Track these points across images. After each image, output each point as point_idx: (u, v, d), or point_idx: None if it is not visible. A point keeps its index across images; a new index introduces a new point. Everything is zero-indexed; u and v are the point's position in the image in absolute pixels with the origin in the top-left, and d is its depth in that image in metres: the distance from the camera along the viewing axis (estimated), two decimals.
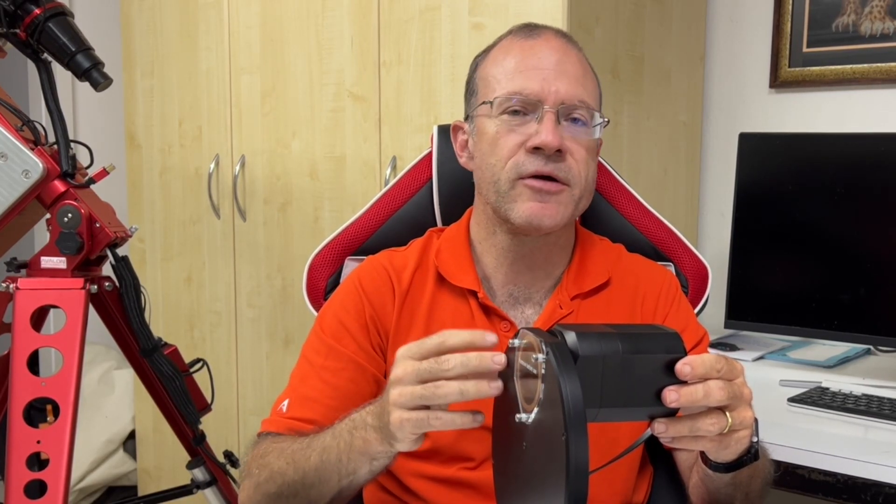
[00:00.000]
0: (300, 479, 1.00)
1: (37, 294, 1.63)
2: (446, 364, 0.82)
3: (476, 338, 0.83)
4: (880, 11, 2.01)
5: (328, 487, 0.99)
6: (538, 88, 1.09)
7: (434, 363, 0.83)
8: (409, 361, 0.85)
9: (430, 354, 0.84)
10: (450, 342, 0.83)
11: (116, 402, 2.83)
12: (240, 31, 2.27)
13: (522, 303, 1.18)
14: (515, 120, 1.10)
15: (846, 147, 1.76)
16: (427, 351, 0.84)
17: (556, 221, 1.10)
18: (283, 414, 1.12)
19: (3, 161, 1.60)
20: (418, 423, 0.85)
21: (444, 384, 0.82)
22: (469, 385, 0.82)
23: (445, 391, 0.82)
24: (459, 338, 0.83)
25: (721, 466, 0.92)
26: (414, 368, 0.84)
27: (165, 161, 2.48)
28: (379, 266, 1.19)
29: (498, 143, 1.11)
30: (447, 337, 0.84)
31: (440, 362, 0.83)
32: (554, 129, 1.07)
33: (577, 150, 1.10)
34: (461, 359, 0.82)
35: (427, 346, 0.85)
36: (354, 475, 0.96)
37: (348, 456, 0.95)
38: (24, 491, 1.53)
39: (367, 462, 0.94)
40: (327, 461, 0.97)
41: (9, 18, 1.65)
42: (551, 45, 1.12)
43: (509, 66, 1.12)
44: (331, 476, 0.97)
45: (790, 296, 1.82)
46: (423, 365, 0.84)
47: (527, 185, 1.09)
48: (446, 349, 0.83)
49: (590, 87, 1.13)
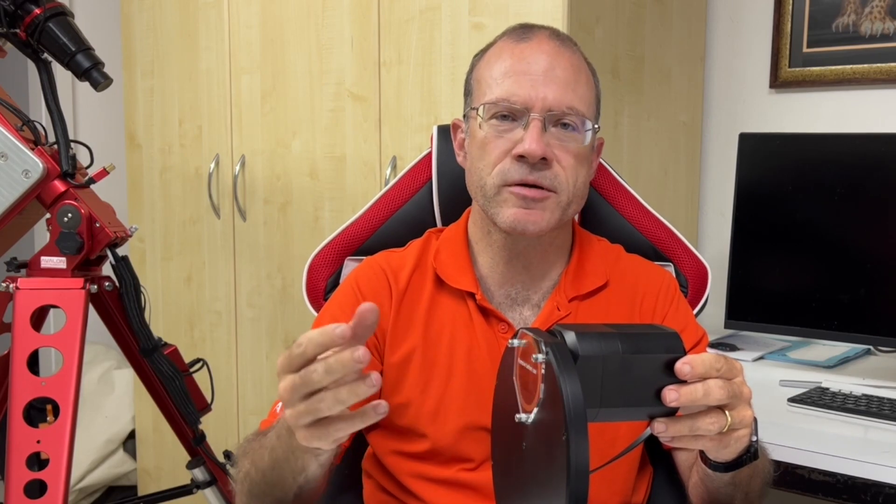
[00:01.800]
0: (262, 479, 1.00)
1: (37, 294, 1.63)
2: (315, 375, 0.78)
3: (325, 337, 0.78)
4: (880, 11, 2.01)
5: (287, 485, 0.98)
6: (525, 95, 1.08)
7: (305, 376, 0.79)
8: (287, 377, 0.81)
9: (299, 365, 0.80)
10: (308, 352, 0.79)
11: (116, 402, 2.83)
12: (240, 31, 2.27)
13: (520, 304, 1.18)
14: (503, 125, 1.09)
15: (846, 147, 1.76)
16: (295, 363, 0.80)
17: (540, 227, 1.09)
18: (276, 414, 1.12)
19: (3, 161, 1.60)
20: (321, 436, 0.82)
21: (322, 397, 0.79)
22: (343, 393, 0.78)
23: (326, 405, 0.79)
24: (313, 342, 0.79)
25: (721, 466, 0.92)
26: (291, 384, 0.80)
27: (165, 161, 2.48)
28: (376, 267, 1.19)
29: (486, 149, 1.10)
30: (305, 345, 0.79)
31: (308, 374, 0.79)
32: (538, 137, 1.06)
33: (564, 158, 1.09)
34: (324, 367, 0.78)
35: (292, 358, 0.80)
36: (306, 471, 0.95)
37: (293, 454, 0.93)
38: (24, 491, 1.53)
39: (312, 458, 0.93)
40: (277, 460, 0.96)
41: (9, 18, 1.65)
42: (543, 48, 1.10)
43: (500, 70, 1.11)
44: (285, 475, 0.97)
45: (790, 296, 1.82)
46: (297, 379, 0.80)
47: (512, 191, 1.08)
48: (310, 359, 0.79)
49: (582, 91, 1.11)
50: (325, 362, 0.78)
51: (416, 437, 1.13)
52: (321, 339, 0.78)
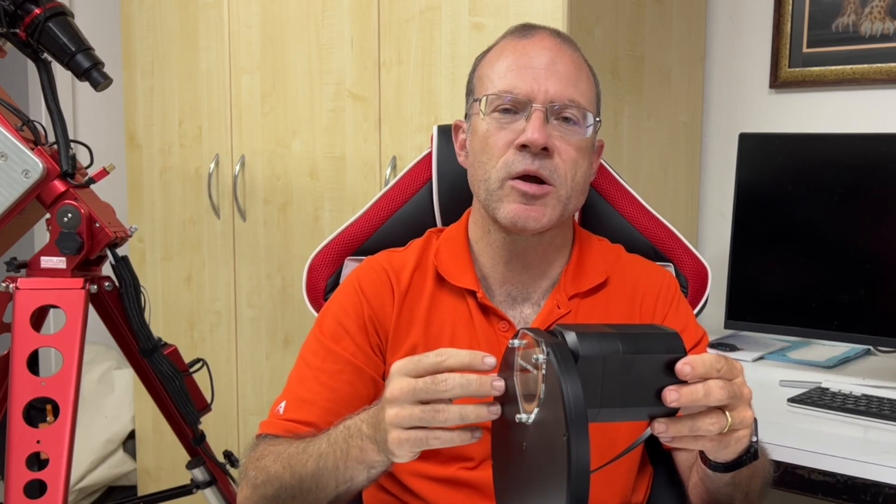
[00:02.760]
0: (297, 484, 1.00)
1: (37, 294, 1.63)
2: (444, 385, 0.81)
3: (475, 360, 0.82)
4: (880, 12, 2.01)
5: (325, 492, 0.99)
6: (528, 87, 1.09)
7: (431, 383, 0.82)
8: (405, 379, 0.84)
9: (427, 373, 0.83)
10: (448, 363, 0.82)
11: (116, 402, 2.83)
12: (240, 31, 2.27)
13: (521, 302, 1.18)
14: (506, 118, 1.10)
15: (846, 147, 1.76)
16: (424, 369, 0.83)
17: (541, 224, 1.10)
18: (279, 416, 1.12)
19: (3, 161, 1.60)
20: (417, 442, 0.84)
21: (444, 410, 0.82)
22: (469, 411, 0.82)
23: (446, 417, 0.82)
24: (458, 359, 0.82)
25: (721, 466, 0.92)
26: (410, 387, 0.83)
27: (165, 161, 2.48)
28: (378, 266, 1.20)
29: (489, 142, 1.11)
30: (446, 357, 0.82)
31: (437, 382, 0.82)
32: (540, 126, 1.07)
33: (564, 150, 1.09)
34: (461, 381, 0.81)
35: (424, 364, 0.83)
36: (352, 482, 0.97)
37: (345, 464, 0.95)
38: (24, 491, 1.53)
39: (365, 470, 0.94)
40: (324, 468, 0.97)
41: (9, 18, 1.65)
42: (544, 44, 1.12)
43: (502, 66, 1.12)
44: (328, 482, 0.97)
45: (790, 296, 1.82)
46: (420, 384, 0.82)
47: (514, 186, 1.09)
48: (444, 369, 0.82)
49: (583, 87, 1.12)
50: (464, 377, 0.81)
51: None
52: (469, 361, 0.82)
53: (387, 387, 0.87)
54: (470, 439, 0.85)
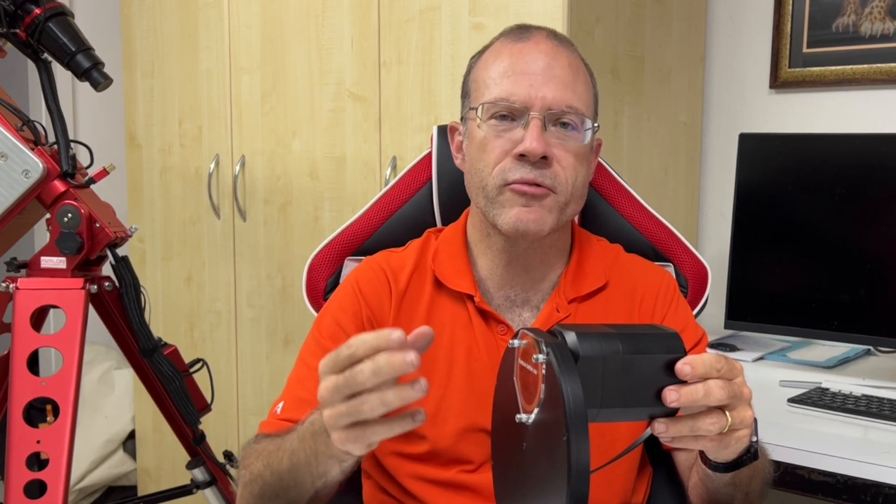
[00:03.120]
0: (277, 482, 1.00)
1: (37, 294, 1.63)
2: (360, 376, 0.78)
3: (381, 340, 0.78)
4: (880, 12, 2.01)
5: (304, 489, 0.98)
6: (525, 94, 1.08)
7: (350, 377, 0.79)
8: (329, 377, 0.81)
9: (345, 366, 0.80)
10: (358, 352, 0.79)
11: (116, 402, 2.83)
12: (240, 31, 2.27)
13: (520, 306, 1.18)
14: (503, 125, 1.09)
15: (846, 147, 1.76)
16: (341, 363, 0.80)
17: (540, 227, 1.09)
18: (277, 416, 1.12)
19: (3, 161, 1.60)
20: (358, 438, 0.82)
21: (366, 399, 0.78)
22: (390, 395, 0.78)
23: (370, 406, 0.78)
24: (366, 346, 0.79)
25: (721, 466, 0.92)
26: (334, 384, 0.80)
27: (165, 161, 2.48)
28: (376, 267, 1.19)
29: (486, 149, 1.10)
30: (356, 346, 0.79)
31: (354, 374, 0.78)
32: (539, 136, 1.06)
33: (563, 157, 1.09)
34: (372, 367, 0.77)
35: (341, 359, 0.80)
36: (326, 476, 0.95)
37: (316, 459, 0.93)
38: (24, 491, 1.53)
39: (336, 463, 0.92)
40: (297, 464, 0.96)
41: (9, 18, 1.65)
42: (541, 48, 1.10)
43: (498, 70, 1.11)
44: (304, 478, 0.96)
45: (790, 296, 1.82)
46: (340, 380, 0.80)
47: (513, 189, 1.08)
48: (357, 360, 0.79)
49: (580, 90, 1.11)
50: (374, 362, 0.77)
51: (415, 439, 1.13)
52: (374, 342, 0.78)
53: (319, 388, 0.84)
54: (412, 423, 0.81)
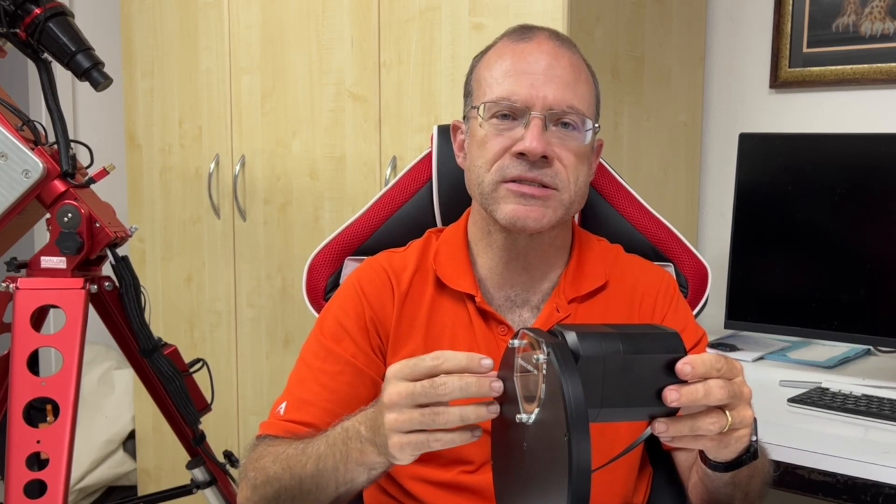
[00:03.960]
0: (297, 486, 1.00)
1: (37, 294, 1.63)
2: (443, 389, 0.81)
3: (473, 363, 0.82)
4: (880, 12, 2.01)
5: (325, 493, 0.99)
6: (526, 94, 1.08)
7: (430, 387, 0.82)
8: (402, 383, 0.84)
9: (424, 376, 0.83)
10: (445, 366, 0.82)
11: (116, 402, 2.83)
12: (240, 31, 2.27)
13: (520, 306, 1.18)
14: (503, 124, 1.10)
15: (846, 147, 1.76)
16: (420, 373, 0.83)
17: (541, 224, 1.09)
18: (279, 417, 1.12)
19: (3, 161, 1.60)
20: (418, 445, 0.85)
21: (444, 412, 0.82)
22: (469, 411, 0.82)
23: (446, 419, 0.82)
24: (455, 362, 0.82)
25: (720, 466, 0.92)
26: (409, 391, 0.83)
27: (165, 161, 2.48)
28: (378, 268, 1.19)
29: (485, 147, 1.11)
30: (443, 360, 0.82)
31: (436, 386, 0.82)
32: (539, 135, 1.07)
33: (565, 156, 1.09)
34: (459, 383, 0.81)
35: (421, 368, 0.83)
36: (352, 483, 0.97)
37: (345, 466, 0.95)
38: (24, 491, 1.53)
39: (365, 471, 0.94)
40: (324, 469, 0.97)
41: (9, 18, 1.65)
42: (543, 48, 1.11)
43: (500, 70, 1.11)
44: (328, 483, 0.97)
45: (790, 296, 1.82)
46: (418, 388, 0.82)
47: (509, 188, 1.09)
48: (441, 372, 0.82)
49: (582, 91, 1.11)
50: (462, 378, 0.81)
51: None
52: (466, 363, 0.82)
53: (384, 391, 0.86)
54: (470, 439, 0.85)
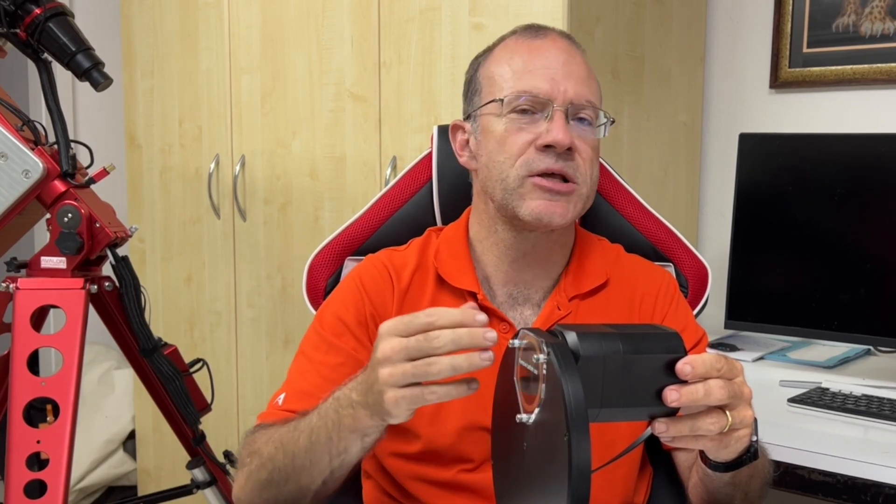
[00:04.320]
0: (290, 463, 1.00)
1: (37, 294, 1.63)
2: (436, 341, 0.82)
3: (467, 317, 0.82)
4: (880, 12, 2.01)
5: (319, 468, 0.98)
6: (548, 88, 1.09)
7: (423, 340, 0.82)
8: (396, 339, 0.84)
9: (418, 332, 0.83)
10: (440, 322, 0.83)
11: (116, 402, 2.83)
12: (240, 31, 2.27)
13: (521, 304, 1.18)
14: (524, 119, 1.10)
15: (846, 147, 1.76)
16: (415, 329, 0.84)
17: (565, 219, 1.11)
18: (278, 407, 1.12)
19: (3, 161, 1.60)
20: (413, 399, 0.84)
21: (435, 361, 0.82)
22: (460, 359, 0.82)
23: (438, 368, 0.82)
24: (449, 317, 0.83)
25: (720, 466, 0.92)
26: (402, 346, 0.83)
27: (165, 161, 2.48)
28: (379, 264, 1.20)
29: (507, 142, 1.11)
30: (437, 317, 0.83)
31: (430, 339, 0.82)
32: (565, 127, 1.08)
33: (584, 150, 1.11)
34: (451, 335, 0.81)
35: (415, 324, 0.84)
36: (346, 453, 0.96)
37: (338, 434, 0.94)
38: (24, 491, 1.53)
39: (359, 438, 0.94)
40: (317, 442, 0.97)
41: (9, 18, 1.65)
42: (558, 45, 1.13)
43: (517, 64, 1.12)
44: (322, 456, 0.97)
45: (790, 296, 1.82)
46: (412, 342, 0.83)
47: (536, 183, 1.09)
48: (435, 328, 0.83)
49: (594, 87, 1.14)
50: (454, 331, 0.82)
51: (410, 437, 1.13)
52: (460, 318, 0.83)
53: (376, 348, 0.86)
54: (466, 391, 0.84)
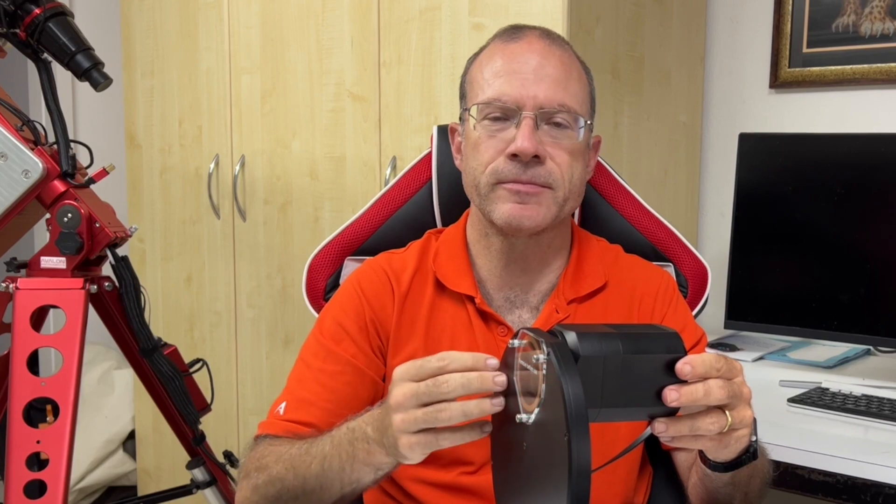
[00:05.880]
0: (300, 485, 1.00)
1: (37, 294, 1.63)
2: (446, 386, 0.82)
3: (478, 363, 0.83)
4: (880, 12, 2.01)
5: (330, 493, 0.99)
6: (516, 94, 1.08)
7: (433, 385, 0.83)
8: (408, 384, 0.85)
9: (430, 376, 0.84)
10: (451, 367, 0.83)
11: (116, 402, 2.83)
12: (240, 31, 2.27)
13: (519, 307, 1.18)
14: (496, 126, 1.10)
15: (846, 147, 1.76)
16: (426, 373, 0.84)
17: (536, 222, 1.09)
18: (279, 416, 1.12)
19: (3, 161, 1.60)
20: (427, 444, 0.86)
21: (446, 408, 0.83)
22: (471, 405, 0.83)
23: (449, 415, 0.83)
24: (461, 362, 0.83)
25: (720, 466, 0.92)
26: (413, 392, 0.84)
27: (165, 161, 2.48)
28: (378, 269, 1.19)
29: (479, 149, 1.11)
30: (449, 361, 0.84)
31: (439, 384, 0.83)
32: (530, 135, 1.06)
33: (557, 155, 1.09)
34: (461, 380, 0.82)
35: (427, 369, 0.84)
36: (358, 483, 0.97)
37: (352, 466, 0.95)
38: (24, 491, 1.53)
39: (372, 472, 0.95)
40: (329, 469, 0.97)
41: (9, 18, 1.65)
42: (533, 47, 1.11)
43: (491, 71, 1.11)
44: (333, 484, 0.98)
45: (790, 296, 1.82)
46: (422, 388, 0.84)
47: (505, 187, 1.09)
48: (447, 373, 0.83)
49: (574, 88, 1.11)
50: (464, 375, 0.82)
51: None
52: (472, 363, 0.83)
53: (390, 393, 0.87)
54: (479, 434, 0.86)
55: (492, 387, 0.82)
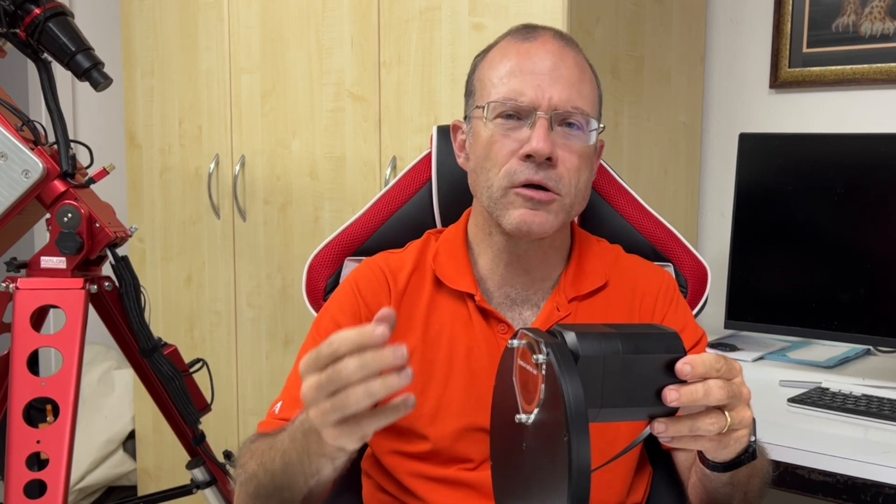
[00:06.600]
0: (270, 481, 1.00)
1: (37, 294, 1.63)
2: (345, 371, 0.77)
3: (364, 337, 0.77)
4: (880, 12, 2.01)
5: (297, 487, 0.97)
6: (532, 94, 1.08)
7: (334, 373, 0.78)
8: (312, 376, 0.80)
9: (326, 363, 0.79)
10: (341, 350, 0.78)
11: (116, 402, 2.83)
12: (240, 31, 2.27)
13: (520, 305, 1.18)
14: (509, 124, 1.10)
15: (846, 147, 1.76)
16: (322, 361, 0.79)
17: (545, 229, 1.10)
18: (275, 415, 1.12)
19: (3, 161, 1.60)
20: (352, 432, 0.81)
21: (350, 392, 0.78)
22: (376, 386, 0.77)
23: (354, 399, 0.78)
24: (348, 342, 0.78)
25: (719, 466, 0.92)
26: (316, 383, 0.80)
27: (165, 161, 2.48)
28: (375, 268, 1.20)
29: (492, 149, 1.10)
30: (337, 345, 0.78)
31: (338, 371, 0.78)
32: (545, 136, 1.07)
33: (568, 159, 1.09)
34: (357, 362, 0.77)
35: (321, 356, 0.79)
36: (319, 474, 0.94)
37: (308, 458, 0.92)
38: (24, 491, 1.53)
39: (329, 461, 0.92)
40: (290, 463, 0.96)
41: (9, 18, 1.65)
42: (548, 48, 1.11)
43: (504, 69, 1.11)
44: (297, 477, 0.96)
45: (790, 296, 1.82)
46: (324, 378, 0.79)
47: (518, 193, 1.09)
48: (341, 356, 0.78)
49: (586, 91, 1.12)
50: (360, 357, 0.77)
51: (415, 438, 1.13)
52: (358, 339, 0.77)
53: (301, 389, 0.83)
54: (405, 410, 0.80)
55: (392, 361, 0.76)
